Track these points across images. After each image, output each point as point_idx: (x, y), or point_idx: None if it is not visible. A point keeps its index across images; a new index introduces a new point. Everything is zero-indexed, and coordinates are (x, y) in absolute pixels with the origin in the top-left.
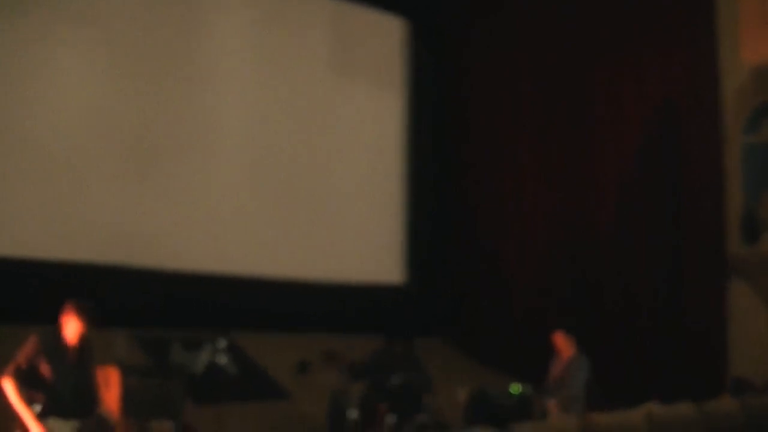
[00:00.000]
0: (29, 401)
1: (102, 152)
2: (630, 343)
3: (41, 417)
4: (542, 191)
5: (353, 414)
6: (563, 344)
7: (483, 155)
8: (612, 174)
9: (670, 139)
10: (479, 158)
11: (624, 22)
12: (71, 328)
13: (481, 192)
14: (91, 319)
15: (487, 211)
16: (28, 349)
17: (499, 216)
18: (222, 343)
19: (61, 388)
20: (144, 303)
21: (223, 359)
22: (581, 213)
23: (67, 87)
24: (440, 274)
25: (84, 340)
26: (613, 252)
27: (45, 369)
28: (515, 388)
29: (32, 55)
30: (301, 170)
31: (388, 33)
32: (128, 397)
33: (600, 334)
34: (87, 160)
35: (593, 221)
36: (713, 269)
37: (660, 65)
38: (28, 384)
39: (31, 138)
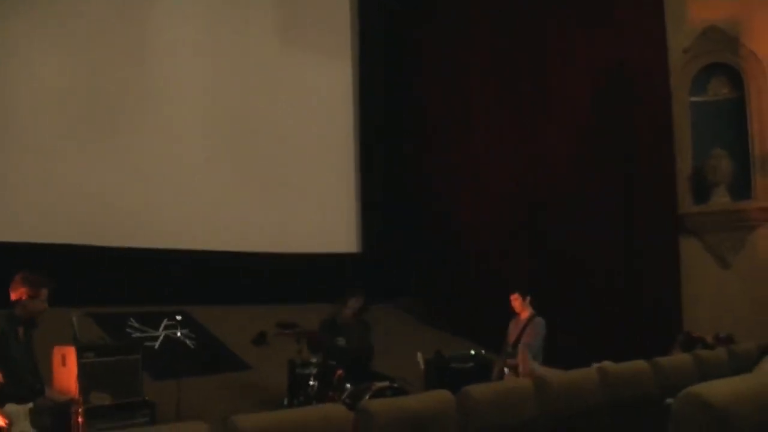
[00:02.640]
0: None
1: (53, 130)
2: (585, 304)
3: None
4: (495, 155)
5: (312, 381)
6: (519, 306)
7: (435, 120)
8: (564, 135)
9: (620, 100)
10: (432, 123)
11: None
12: (23, 300)
13: (435, 157)
14: (39, 286)
15: (441, 176)
16: None
17: (453, 181)
18: (178, 318)
19: (18, 370)
20: (99, 281)
21: (180, 333)
22: (533, 176)
23: (19, 61)
24: (395, 241)
25: (33, 314)
26: (566, 213)
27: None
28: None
29: None
30: (253, 141)
31: None
32: (85, 375)
33: (555, 295)
34: (37, 138)
35: (546, 184)
36: (665, 228)
37: (610, 25)
38: None
39: None
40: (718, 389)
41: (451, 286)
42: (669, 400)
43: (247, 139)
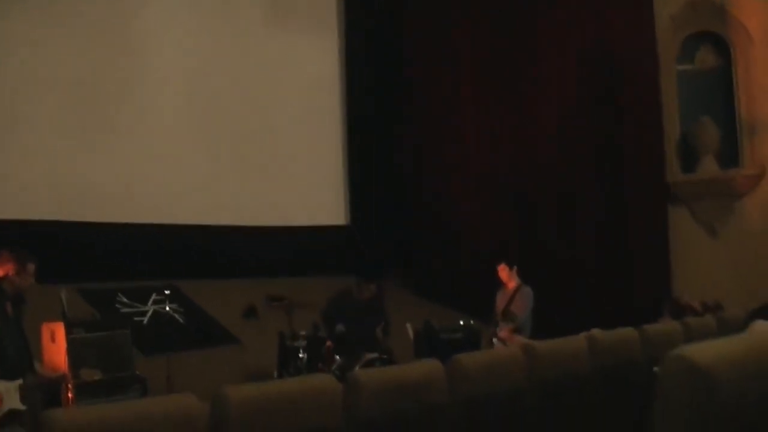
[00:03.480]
0: None
1: (41, 108)
2: (574, 273)
3: None
4: (482, 127)
5: (301, 354)
6: (506, 276)
7: (423, 95)
8: (552, 108)
9: (607, 69)
10: (420, 98)
11: None
12: (10, 276)
13: (422, 132)
14: (25, 261)
15: (429, 150)
16: None
17: (440, 155)
18: (168, 293)
19: (7, 347)
20: (86, 257)
21: (169, 308)
22: (521, 147)
23: (5, 44)
24: (384, 213)
25: (21, 289)
26: (556, 185)
27: None
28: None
29: None
30: (241, 116)
31: None
32: (75, 351)
33: (544, 265)
34: (25, 117)
35: (533, 155)
36: (653, 197)
37: None
38: None
39: None
40: (705, 351)
41: (440, 258)
42: (657, 368)
43: (235, 114)
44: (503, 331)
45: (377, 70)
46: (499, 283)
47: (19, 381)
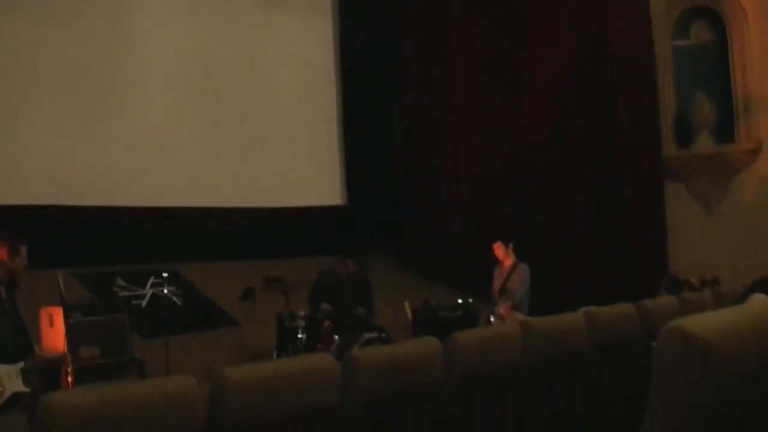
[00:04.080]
0: None
1: (35, 93)
2: (571, 250)
3: None
4: (476, 107)
5: (300, 334)
6: (502, 254)
7: (417, 74)
8: (545, 85)
9: (602, 45)
10: (413, 77)
11: None
12: (3, 261)
13: (417, 110)
14: (17, 244)
15: (423, 129)
16: None
17: (435, 134)
18: (165, 275)
19: (3, 331)
20: (84, 241)
21: (167, 291)
22: (516, 124)
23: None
24: (380, 193)
25: (14, 273)
26: (551, 162)
27: None
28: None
29: None
30: (236, 98)
31: None
32: (73, 335)
33: (541, 242)
34: (20, 102)
35: (528, 132)
36: (649, 173)
37: None
38: None
39: None
40: (702, 322)
41: (437, 237)
42: (655, 343)
43: (230, 96)
44: (501, 308)
45: (372, 50)
46: (495, 262)
47: (21, 364)
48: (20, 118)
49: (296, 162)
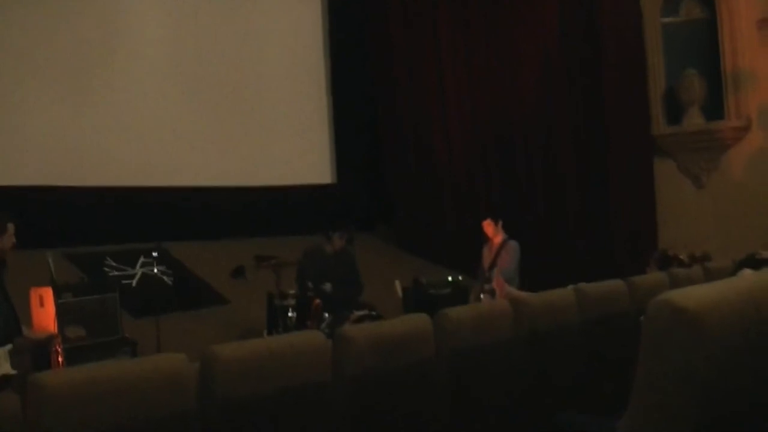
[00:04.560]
0: None
1: (22, 74)
2: (560, 226)
3: None
4: (464, 85)
5: (290, 313)
6: (492, 232)
7: (404, 48)
8: (533, 62)
9: (590, 22)
10: (401, 54)
11: None
12: None
13: (405, 89)
14: (4, 221)
15: (412, 107)
16: None
17: (424, 112)
18: (155, 255)
19: None
20: (73, 221)
21: (157, 270)
22: (503, 102)
23: None
24: (370, 170)
25: (3, 252)
26: (539, 139)
27: None
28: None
29: None
30: (225, 76)
31: None
32: (64, 315)
33: (530, 219)
34: (6, 84)
35: (516, 110)
36: (639, 150)
37: None
38: None
39: None
40: (690, 294)
41: (427, 214)
42: (643, 318)
43: (217, 75)
44: (495, 281)
45: (361, 27)
46: (485, 239)
47: (8, 346)
48: (8, 99)
49: (286, 140)
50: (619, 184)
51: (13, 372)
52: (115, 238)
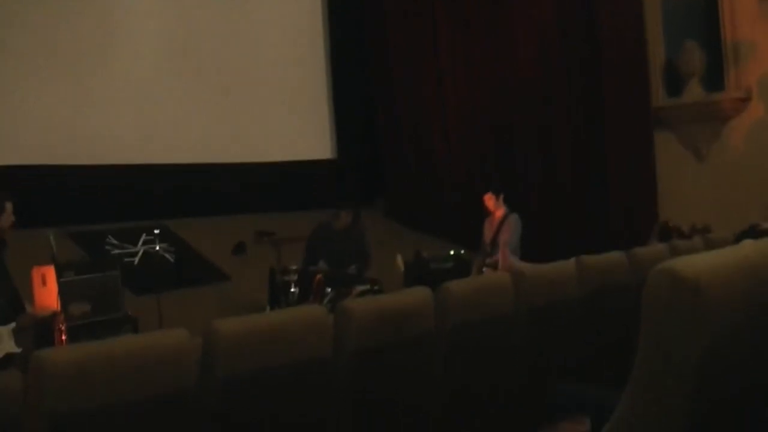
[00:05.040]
0: None
1: (23, 53)
2: (560, 199)
3: None
4: (461, 55)
5: (292, 288)
6: (493, 205)
7: (401, 23)
8: (530, 33)
9: None
10: (399, 32)
11: None
12: None
13: (403, 63)
14: (2, 200)
15: (411, 82)
16: None
17: (422, 87)
18: (156, 232)
19: None
20: (74, 200)
21: (158, 248)
22: (502, 75)
23: None
24: (370, 146)
25: (2, 231)
26: (537, 112)
27: None
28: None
29: None
30: (224, 53)
31: None
32: (66, 294)
33: (531, 192)
34: (6, 63)
35: (515, 83)
36: (639, 122)
37: None
38: None
39: None
40: (691, 263)
41: (428, 188)
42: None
43: (217, 51)
44: (500, 253)
45: (360, 1)
46: (486, 212)
47: (12, 324)
48: (8, 79)
49: (285, 116)
50: (619, 156)
51: (16, 350)
52: (116, 216)
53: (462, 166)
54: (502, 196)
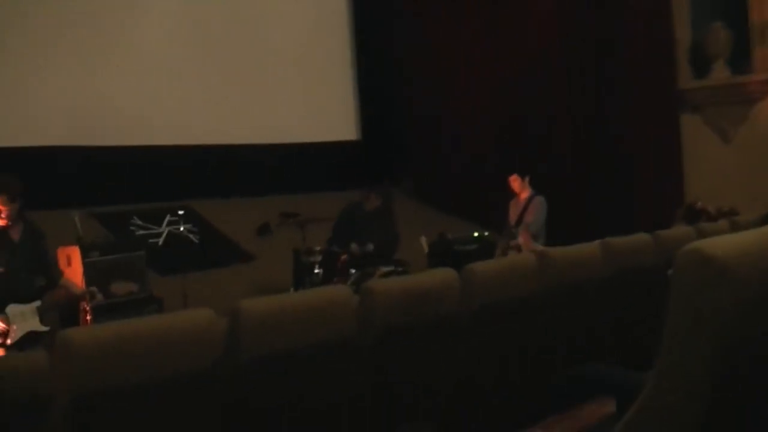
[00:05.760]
0: None
1: (48, 34)
2: (586, 180)
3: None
4: (484, 41)
5: (317, 269)
6: (519, 187)
7: (427, 6)
8: (554, 14)
9: None
10: (424, 10)
11: None
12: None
13: (429, 42)
14: (8, 192)
15: (433, 62)
16: None
17: (445, 67)
18: (181, 213)
19: (10, 272)
20: (99, 181)
21: (183, 229)
22: (524, 58)
23: None
24: (395, 127)
25: (15, 216)
26: (563, 93)
27: None
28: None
29: None
30: (248, 32)
31: None
32: (91, 275)
33: (557, 174)
34: (34, 44)
35: (538, 64)
36: (665, 104)
37: None
38: None
39: None
40: (720, 243)
41: (453, 170)
42: (671, 271)
43: (242, 30)
44: (521, 236)
45: None
46: (511, 194)
47: (36, 303)
48: (32, 58)
49: (310, 97)
50: (646, 138)
51: (41, 328)
52: (141, 197)
53: (486, 147)
54: (528, 178)
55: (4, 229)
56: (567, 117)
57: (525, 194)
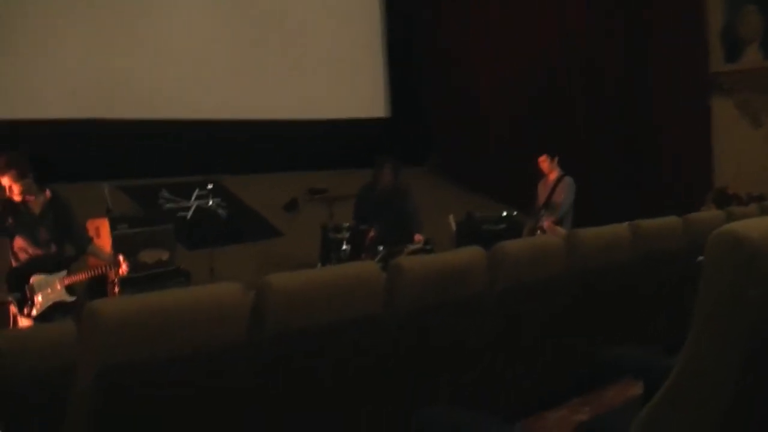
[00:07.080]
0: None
1: (73, 8)
2: (615, 163)
3: (23, 276)
4: (514, 21)
5: (344, 246)
6: (547, 167)
7: None
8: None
9: None
10: None
11: None
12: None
13: (458, 22)
14: (17, 168)
15: (462, 42)
16: None
17: (473, 47)
18: (210, 187)
19: (36, 245)
20: (129, 154)
21: (211, 203)
22: (555, 38)
23: None
24: (424, 105)
25: (29, 191)
26: (592, 75)
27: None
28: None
29: None
30: (281, 8)
31: None
32: (119, 246)
33: (585, 155)
34: (55, 16)
35: (568, 47)
36: (696, 87)
37: None
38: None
39: None
40: (752, 226)
41: (482, 149)
42: (701, 258)
43: (274, 7)
44: (545, 222)
45: None
46: (540, 174)
47: (63, 272)
48: (61, 30)
49: (340, 74)
50: (676, 121)
51: (68, 298)
52: (170, 170)
53: (515, 126)
54: (556, 159)
55: (24, 203)
56: (598, 98)
57: (554, 175)
